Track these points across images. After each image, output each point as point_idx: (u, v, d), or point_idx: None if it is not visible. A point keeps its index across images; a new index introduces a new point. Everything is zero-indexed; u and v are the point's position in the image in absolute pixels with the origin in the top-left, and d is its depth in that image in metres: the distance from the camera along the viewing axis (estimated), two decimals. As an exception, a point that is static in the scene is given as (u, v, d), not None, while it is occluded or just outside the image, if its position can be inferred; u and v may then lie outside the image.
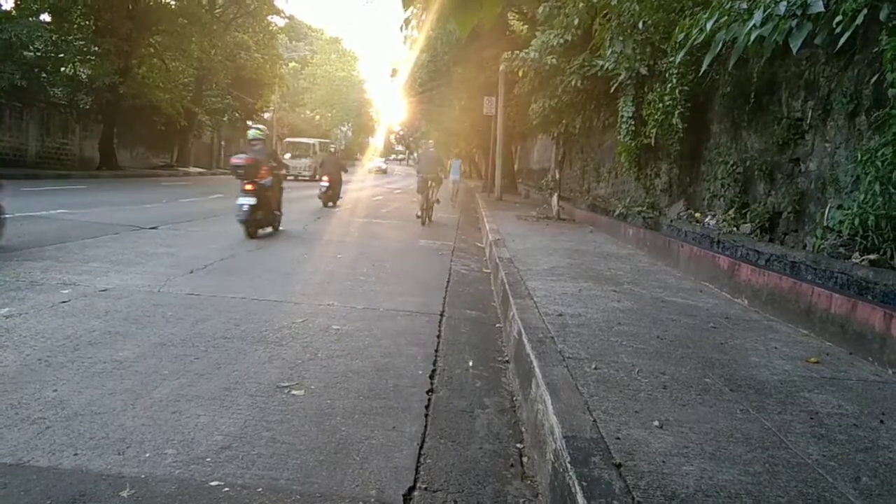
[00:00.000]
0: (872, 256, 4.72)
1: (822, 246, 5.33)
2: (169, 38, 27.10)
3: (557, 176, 16.15)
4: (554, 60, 12.93)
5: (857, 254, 4.89)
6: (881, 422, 3.10)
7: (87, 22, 23.65)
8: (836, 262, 4.87)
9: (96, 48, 23.11)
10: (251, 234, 9.95)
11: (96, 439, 2.83)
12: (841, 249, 5.10)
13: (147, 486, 2.49)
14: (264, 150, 10.85)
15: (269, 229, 10.85)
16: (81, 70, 24.25)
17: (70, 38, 22.82)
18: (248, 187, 9.93)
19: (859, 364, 4.14)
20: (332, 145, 18.40)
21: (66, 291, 5.51)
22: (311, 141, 36.48)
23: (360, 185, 32.69)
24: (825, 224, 5.49)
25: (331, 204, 17.25)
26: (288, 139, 40.74)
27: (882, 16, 4.66)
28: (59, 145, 24.54)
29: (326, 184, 17.18)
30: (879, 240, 4.72)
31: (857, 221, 4.83)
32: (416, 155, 53.89)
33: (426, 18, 20.70)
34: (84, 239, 8.40)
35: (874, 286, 4.30)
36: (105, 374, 3.63)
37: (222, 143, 41.95)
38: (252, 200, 9.85)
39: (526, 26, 16.78)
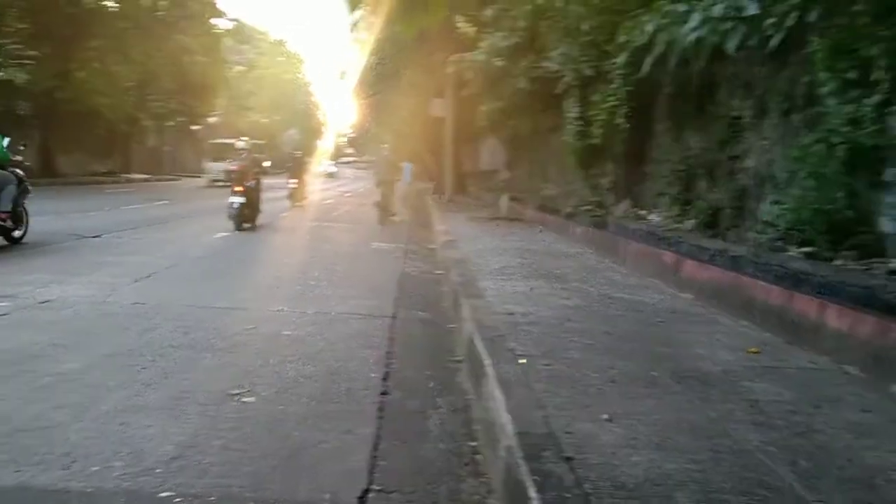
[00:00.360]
0: (808, 249, 4.92)
1: (761, 240, 5.52)
2: (109, 42, 26.36)
3: (507, 177, 16.32)
4: (501, 63, 13.06)
5: (793, 247, 5.08)
6: (817, 407, 3.23)
7: (24, 26, 22.82)
8: (773, 256, 5.06)
9: (34, 52, 22.35)
10: (238, 227, 11.62)
11: (40, 454, 2.75)
12: (779, 243, 5.29)
13: (94, 500, 2.44)
14: (250, 157, 13.16)
15: (250, 224, 12.26)
16: (17, 75, 23.40)
17: (5, 42, 22.00)
18: (238, 188, 11.86)
19: (796, 353, 4.30)
20: (298, 151, 19.67)
21: (6, 304, 5.32)
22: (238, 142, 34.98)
23: (310, 188, 32.30)
24: (763, 219, 5.69)
25: (298, 203, 18.51)
26: (212, 141, 37.05)
27: (812, 18, 4.87)
28: (-7, 153, 23.58)
29: (294, 185, 18.79)
30: (814, 233, 4.92)
31: (792, 216, 5.03)
32: (366, 158, 53.65)
33: (375, 21, 20.69)
34: (23, 249, 8.13)
35: (809, 278, 4.48)
36: (49, 387, 3.53)
37: (166, 148, 40.91)
38: (241, 199, 11.74)
39: (475, 28, 16.92)
